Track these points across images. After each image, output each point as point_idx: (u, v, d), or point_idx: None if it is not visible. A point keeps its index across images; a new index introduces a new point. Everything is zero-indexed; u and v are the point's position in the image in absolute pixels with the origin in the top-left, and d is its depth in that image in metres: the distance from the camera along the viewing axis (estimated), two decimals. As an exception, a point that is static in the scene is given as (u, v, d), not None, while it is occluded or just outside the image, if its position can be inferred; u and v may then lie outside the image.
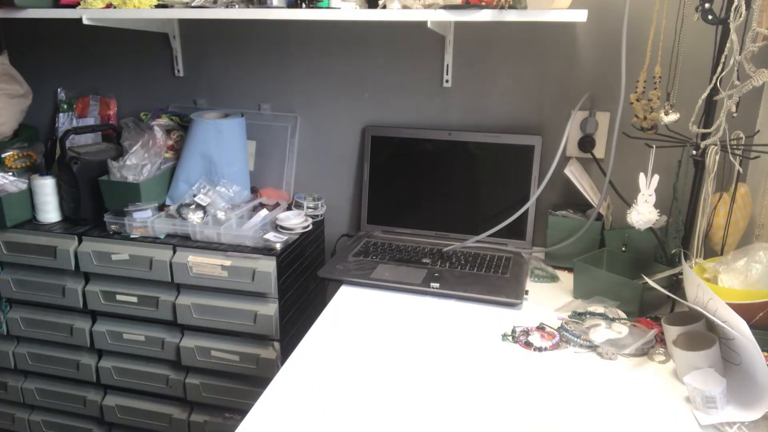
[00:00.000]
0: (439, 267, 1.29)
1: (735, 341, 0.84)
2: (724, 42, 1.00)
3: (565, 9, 1.11)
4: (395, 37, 1.48)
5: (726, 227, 1.13)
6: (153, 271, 1.40)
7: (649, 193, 1.09)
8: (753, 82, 0.96)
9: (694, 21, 1.03)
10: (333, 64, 1.55)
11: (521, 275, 1.26)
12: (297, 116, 1.62)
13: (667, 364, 0.96)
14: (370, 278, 1.23)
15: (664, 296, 1.04)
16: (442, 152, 1.47)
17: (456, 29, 1.42)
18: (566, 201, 1.44)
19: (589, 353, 0.99)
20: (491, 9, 1.11)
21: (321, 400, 0.86)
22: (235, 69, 1.63)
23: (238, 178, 1.51)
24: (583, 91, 1.34)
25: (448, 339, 1.04)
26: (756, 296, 0.94)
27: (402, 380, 0.92)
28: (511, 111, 1.46)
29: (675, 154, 1.15)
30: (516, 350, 1.01)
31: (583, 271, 1.17)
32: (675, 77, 1.10)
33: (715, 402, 0.82)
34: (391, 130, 1.51)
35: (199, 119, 1.48)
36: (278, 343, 1.38)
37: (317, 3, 1.23)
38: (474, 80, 1.46)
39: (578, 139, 1.40)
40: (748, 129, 1.22)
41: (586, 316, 1.08)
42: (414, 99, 1.52)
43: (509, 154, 1.42)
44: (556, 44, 1.38)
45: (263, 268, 1.33)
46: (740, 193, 1.13)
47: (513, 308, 1.15)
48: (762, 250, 1.01)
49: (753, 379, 0.82)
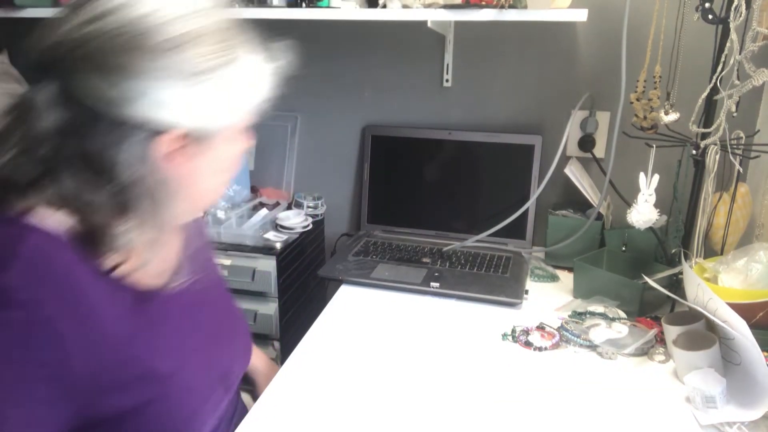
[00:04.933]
0: (439, 266, 1.29)
1: (735, 341, 0.84)
2: (724, 42, 1.00)
3: (565, 9, 1.11)
4: (395, 37, 1.48)
5: (726, 227, 1.13)
6: (153, 271, 1.39)
7: (649, 193, 1.09)
8: (753, 81, 0.96)
9: (694, 21, 1.02)
10: (333, 64, 1.55)
11: (521, 275, 1.26)
12: (297, 116, 1.62)
13: (667, 364, 0.96)
14: (370, 278, 1.23)
15: (664, 296, 1.04)
16: (442, 152, 1.47)
17: (456, 29, 1.42)
18: (566, 201, 1.44)
19: (589, 353, 0.99)
20: (491, 9, 1.11)
21: (321, 400, 0.86)
22: (235, 69, 1.62)
23: (238, 178, 1.51)
24: (583, 91, 1.33)
25: (448, 339, 1.04)
26: (756, 296, 0.94)
27: (402, 380, 0.92)
28: (511, 111, 1.46)
29: (675, 154, 1.15)
30: (516, 350, 1.01)
31: (583, 271, 1.17)
32: (675, 77, 1.10)
33: (715, 402, 0.82)
34: (391, 129, 1.51)
35: (199, 119, 1.48)
36: (278, 342, 1.38)
37: (317, 3, 1.23)
38: (474, 80, 1.46)
39: (578, 138, 1.40)
40: (748, 129, 1.22)
41: (586, 315, 1.08)
42: (414, 99, 1.52)
43: (509, 154, 1.42)
44: (556, 44, 1.38)
45: (263, 267, 1.33)
46: (740, 193, 1.13)
47: (513, 308, 1.15)
48: (762, 250, 1.01)
49: (753, 379, 0.82)
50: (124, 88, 0.56)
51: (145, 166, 0.60)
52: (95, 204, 0.60)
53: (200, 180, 0.68)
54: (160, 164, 0.61)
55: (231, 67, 0.62)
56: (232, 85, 0.63)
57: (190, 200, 0.69)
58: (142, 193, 0.61)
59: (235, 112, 0.65)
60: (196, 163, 0.65)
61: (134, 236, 0.62)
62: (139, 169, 0.60)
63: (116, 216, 0.61)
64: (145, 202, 0.61)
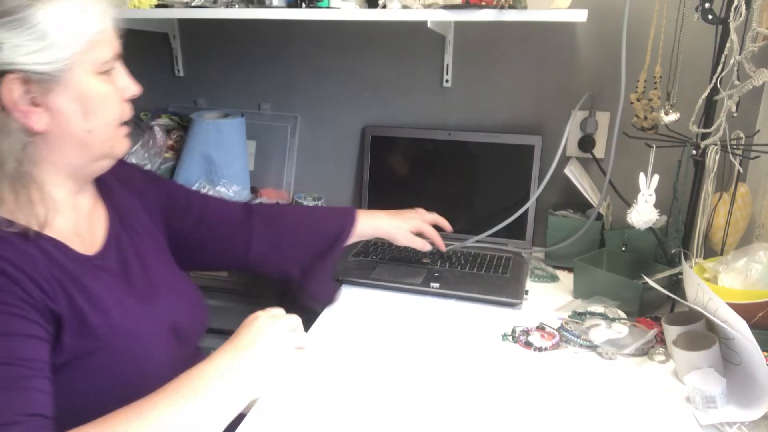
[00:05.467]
0: (439, 267, 1.29)
1: (735, 341, 0.84)
2: (724, 42, 1.00)
3: (565, 9, 1.11)
4: (395, 37, 1.48)
5: (726, 227, 1.13)
6: (153, 271, 1.39)
7: (649, 193, 1.08)
8: (753, 82, 0.96)
9: (694, 21, 1.03)
10: (333, 64, 1.55)
11: (521, 275, 1.26)
12: (297, 116, 1.62)
13: (667, 364, 0.96)
14: (370, 278, 1.23)
15: (664, 296, 1.04)
16: (442, 152, 1.47)
17: (456, 29, 1.42)
18: (566, 201, 1.44)
19: (589, 353, 0.99)
20: (491, 9, 1.11)
21: (321, 400, 0.86)
22: (235, 69, 1.63)
23: (238, 178, 1.51)
24: (583, 91, 1.33)
25: (448, 339, 1.04)
26: (756, 296, 0.94)
27: (402, 380, 0.92)
28: (511, 111, 1.46)
29: (675, 154, 1.15)
30: (516, 350, 1.00)
31: (583, 271, 1.17)
32: (675, 77, 1.10)
33: (715, 402, 0.82)
34: (391, 130, 1.51)
35: (199, 119, 1.48)
36: (278, 343, 1.39)
37: (317, 3, 1.23)
38: (474, 80, 1.46)
39: (578, 139, 1.40)
40: (748, 129, 1.22)
41: (586, 316, 1.08)
42: (414, 99, 1.52)
43: (509, 154, 1.42)
44: (556, 44, 1.38)
45: (263, 268, 1.33)
46: (740, 193, 1.13)
47: (513, 308, 1.15)
48: (762, 250, 1.01)
49: (753, 379, 0.82)
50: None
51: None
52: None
53: (68, 125, 0.70)
54: (4, 112, 0.64)
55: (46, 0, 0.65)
56: (53, 17, 0.65)
57: (69, 146, 0.72)
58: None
59: (68, 43, 0.67)
60: (53, 106, 0.68)
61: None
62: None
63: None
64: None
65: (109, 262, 0.79)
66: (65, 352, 0.68)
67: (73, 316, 0.69)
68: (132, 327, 0.75)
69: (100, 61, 0.72)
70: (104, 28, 0.71)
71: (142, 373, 0.74)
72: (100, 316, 0.71)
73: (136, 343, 0.75)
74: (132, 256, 0.83)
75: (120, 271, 0.80)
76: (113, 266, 0.79)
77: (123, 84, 0.77)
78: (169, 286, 0.88)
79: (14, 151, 0.66)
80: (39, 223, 0.69)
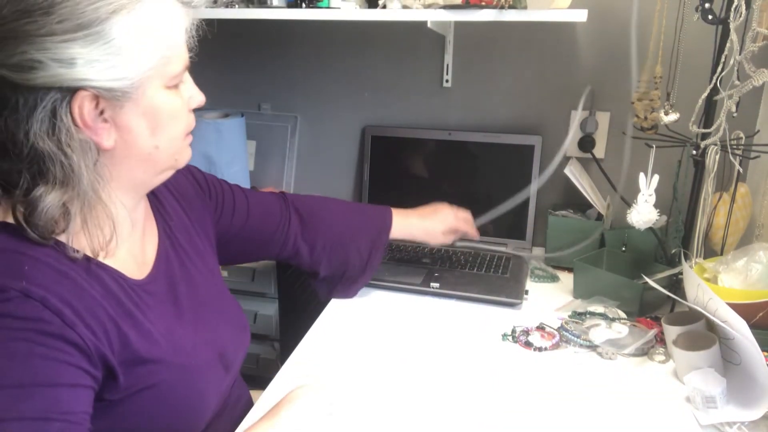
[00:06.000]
0: (438, 267, 1.29)
1: (735, 341, 0.84)
2: (724, 42, 1.00)
3: (565, 9, 1.11)
4: (395, 37, 1.48)
5: (726, 227, 1.13)
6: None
7: (649, 193, 1.08)
8: (753, 82, 0.96)
9: (694, 21, 1.03)
10: (333, 64, 1.55)
11: (521, 275, 1.26)
12: (297, 116, 1.62)
13: (667, 364, 0.96)
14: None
15: (664, 296, 1.04)
16: (442, 152, 1.47)
17: (456, 29, 1.42)
18: (566, 201, 1.44)
19: (589, 353, 0.99)
20: (491, 9, 1.11)
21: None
22: (235, 69, 1.63)
23: (238, 178, 1.51)
24: (583, 92, 1.33)
25: (448, 339, 1.04)
26: (756, 296, 0.94)
27: (402, 380, 0.92)
28: (511, 111, 1.46)
29: (675, 154, 1.15)
30: (516, 350, 1.01)
31: (583, 271, 1.17)
32: (675, 77, 1.10)
33: (715, 402, 0.82)
34: (391, 130, 1.51)
35: (199, 119, 1.48)
36: (278, 342, 1.38)
37: (317, 3, 1.23)
38: (474, 80, 1.46)
39: (578, 139, 1.40)
40: (748, 129, 1.22)
41: (586, 316, 1.08)
42: (414, 99, 1.52)
43: (509, 154, 1.42)
44: (556, 44, 1.38)
45: (263, 267, 1.33)
46: (740, 193, 1.13)
47: (513, 308, 1.15)
48: (762, 250, 1.01)
49: (753, 379, 0.82)
50: (21, 55, 0.57)
51: (57, 132, 0.60)
52: (10, 171, 0.61)
53: (135, 141, 0.67)
54: (76, 129, 0.62)
55: (122, 14, 0.61)
56: (128, 32, 0.62)
57: (135, 162, 0.69)
58: (56, 160, 0.60)
59: (142, 59, 0.64)
60: (122, 122, 0.65)
61: (52, 200, 0.61)
62: (50, 135, 0.60)
63: (34, 185, 0.61)
64: (59, 168, 0.61)
65: (159, 286, 0.76)
66: (119, 391, 0.66)
67: (126, 356, 0.66)
68: (185, 362, 0.73)
69: (171, 75, 0.68)
70: (177, 43, 0.69)
71: (193, 406, 0.73)
72: (155, 351, 0.69)
73: (188, 379, 0.73)
74: (179, 274, 0.80)
75: (169, 294, 0.78)
76: (163, 290, 0.77)
77: (189, 94, 0.75)
78: (215, 308, 0.86)
79: (89, 169, 0.63)
80: (102, 245, 0.66)
